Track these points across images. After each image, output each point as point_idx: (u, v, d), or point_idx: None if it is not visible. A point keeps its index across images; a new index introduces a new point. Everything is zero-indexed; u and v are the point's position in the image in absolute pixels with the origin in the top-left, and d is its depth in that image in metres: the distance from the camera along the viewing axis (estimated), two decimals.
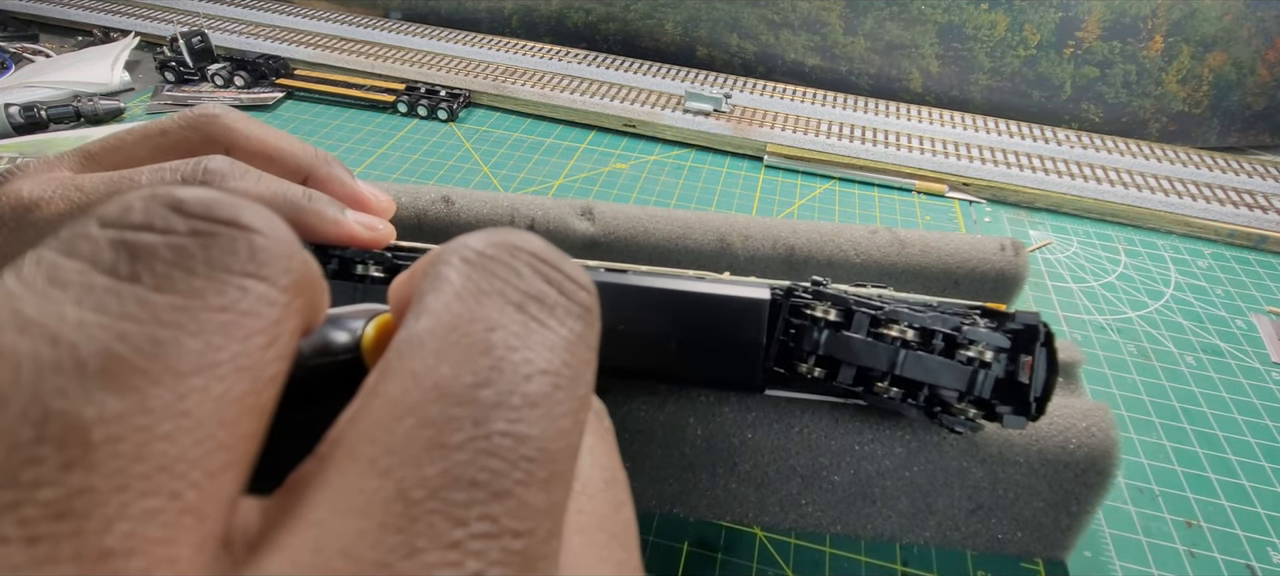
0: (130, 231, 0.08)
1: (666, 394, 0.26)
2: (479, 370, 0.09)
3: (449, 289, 0.10)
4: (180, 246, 0.08)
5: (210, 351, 0.08)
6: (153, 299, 0.08)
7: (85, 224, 0.08)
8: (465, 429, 0.08)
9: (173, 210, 0.09)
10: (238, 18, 0.70)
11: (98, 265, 0.08)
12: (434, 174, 0.50)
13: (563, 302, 0.10)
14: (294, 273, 0.09)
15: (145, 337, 0.08)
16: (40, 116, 0.51)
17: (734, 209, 0.49)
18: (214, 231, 0.09)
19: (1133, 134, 0.60)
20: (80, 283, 0.08)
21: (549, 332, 0.10)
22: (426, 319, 0.10)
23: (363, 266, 0.24)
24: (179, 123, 0.23)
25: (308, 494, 0.09)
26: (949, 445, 0.25)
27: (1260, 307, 0.42)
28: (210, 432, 0.08)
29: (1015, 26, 0.59)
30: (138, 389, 0.08)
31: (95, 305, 0.08)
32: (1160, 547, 0.29)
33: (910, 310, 0.22)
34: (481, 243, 0.11)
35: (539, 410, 0.09)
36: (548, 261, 0.10)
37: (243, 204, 0.09)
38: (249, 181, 0.22)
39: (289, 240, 0.10)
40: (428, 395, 0.09)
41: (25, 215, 0.20)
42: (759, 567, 0.26)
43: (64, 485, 0.07)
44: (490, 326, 0.09)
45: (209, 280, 0.08)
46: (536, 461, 0.09)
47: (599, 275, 0.23)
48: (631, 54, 0.67)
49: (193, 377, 0.08)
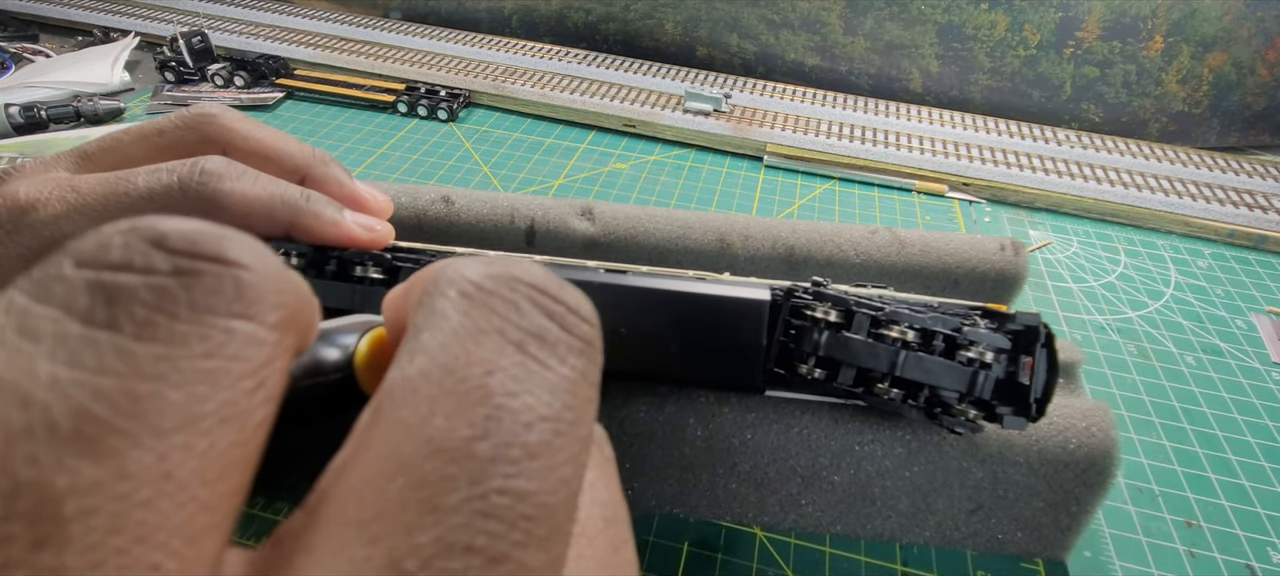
0: (108, 271, 0.08)
1: (666, 394, 0.26)
2: (475, 420, 0.08)
3: (445, 327, 0.09)
4: (162, 288, 0.08)
5: (194, 403, 0.08)
6: (132, 349, 0.07)
7: (59, 264, 0.08)
8: (461, 488, 0.08)
9: (154, 246, 0.08)
10: (238, 18, 0.69)
11: (72, 311, 0.07)
12: (434, 174, 0.50)
13: (564, 339, 0.10)
14: (284, 308, 0.09)
15: (123, 393, 0.07)
16: (40, 116, 0.51)
17: (734, 209, 0.49)
18: (198, 269, 0.08)
19: (1133, 134, 0.60)
20: (53, 333, 0.07)
21: (550, 373, 0.09)
22: (421, 359, 0.09)
23: (361, 267, 0.23)
24: (176, 123, 0.23)
25: (294, 557, 0.08)
26: (949, 445, 0.25)
27: (1260, 307, 0.42)
28: (193, 494, 0.07)
29: (1015, 26, 0.59)
30: (115, 452, 0.07)
31: (69, 358, 0.07)
32: (1160, 547, 0.28)
33: (911, 311, 0.22)
34: (479, 274, 0.10)
35: (539, 462, 0.08)
36: (548, 293, 0.10)
37: (228, 237, 0.09)
38: (246, 181, 0.22)
39: (277, 272, 0.09)
40: (421, 450, 0.08)
41: (22, 216, 0.20)
42: (759, 567, 0.26)
43: (34, 566, 0.06)
44: (488, 369, 0.09)
45: (193, 324, 0.08)
46: (535, 520, 0.08)
47: (599, 275, 0.23)
48: (631, 54, 0.67)
49: (175, 435, 0.07)
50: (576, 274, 0.23)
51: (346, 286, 0.23)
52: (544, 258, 0.24)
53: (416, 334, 0.09)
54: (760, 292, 0.23)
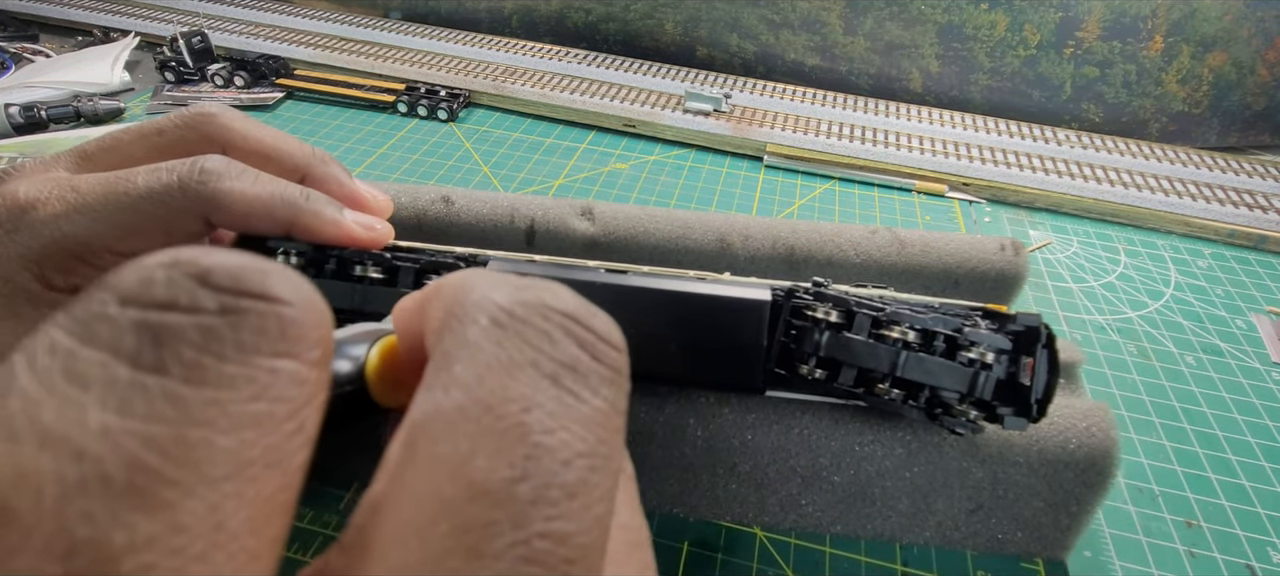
0: (154, 311, 0.07)
1: (666, 394, 0.26)
2: (516, 460, 0.08)
3: (480, 359, 0.09)
4: (209, 328, 0.08)
5: (243, 449, 0.07)
6: (182, 393, 0.07)
7: (103, 301, 0.07)
8: (505, 534, 0.08)
9: (199, 283, 0.08)
10: (238, 18, 0.69)
11: (120, 354, 0.07)
12: (434, 174, 0.50)
13: (596, 370, 0.10)
14: (322, 343, 0.09)
15: (176, 441, 0.07)
16: (40, 116, 0.51)
17: (734, 209, 0.49)
18: (243, 307, 0.08)
19: (1133, 134, 0.60)
20: (102, 378, 0.07)
21: (584, 406, 0.09)
22: (456, 393, 0.09)
23: (361, 267, 0.23)
24: (175, 122, 0.23)
25: None
26: (949, 445, 0.25)
27: (1260, 307, 0.42)
28: (243, 544, 0.07)
29: (1015, 26, 0.59)
30: (170, 504, 0.07)
31: (120, 406, 0.07)
32: (1160, 547, 0.28)
33: (912, 312, 0.22)
34: (509, 299, 0.10)
35: (577, 501, 0.08)
36: (579, 321, 0.10)
37: (272, 272, 0.08)
38: (246, 180, 0.22)
39: (317, 306, 0.09)
40: (463, 493, 0.08)
41: (21, 216, 0.20)
42: (759, 567, 0.26)
43: None
44: (525, 405, 0.09)
45: (241, 365, 0.08)
46: (575, 562, 0.08)
47: (599, 275, 0.23)
48: (631, 54, 0.67)
49: (226, 483, 0.07)
50: (576, 274, 0.23)
51: (346, 286, 0.23)
52: (544, 257, 0.24)
53: (448, 364, 0.09)
54: (761, 293, 0.23)
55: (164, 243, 0.21)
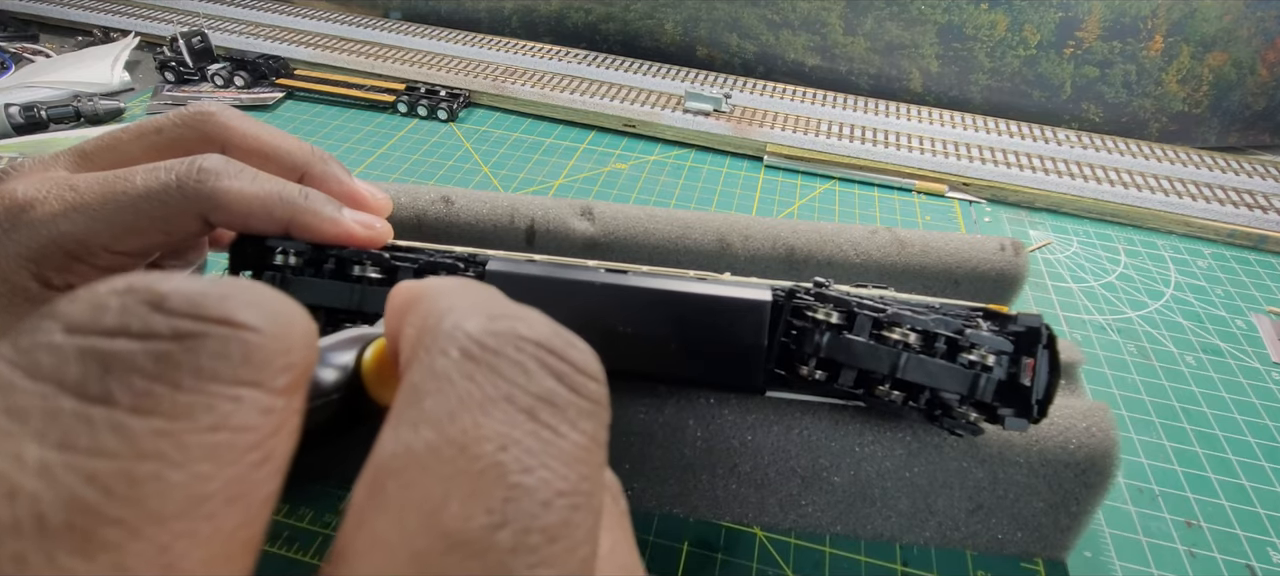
0: (102, 338, 0.07)
1: (666, 395, 0.26)
2: (494, 506, 0.08)
3: (451, 393, 0.08)
4: (162, 354, 0.07)
5: (197, 483, 0.07)
6: (129, 424, 0.07)
7: (48, 330, 0.07)
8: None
9: (152, 308, 0.07)
10: (238, 18, 0.69)
11: (63, 384, 0.07)
12: (434, 174, 0.50)
13: (574, 402, 0.09)
14: (292, 369, 0.08)
15: (120, 477, 0.06)
16: (40, 116, 0.51)
17: (734, 209, 0.49)
18: (201, 331, 0.07)
19: (1133, 134, 0.60)
20: (42, 410, 0.07)
21: (563, 442, 0.09)
22: (427, 431, 0.08)
23: (360, 267, 0.23)
24: (174, 121, 0.23)
25: None
26: (949, 446, 0.25)
27: (1260, 307, 0.42)
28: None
29: (1015, 26, 0.59)
30: (112, 546, 0.06)
31: (60, 440, 0.06)
32: (1160, 547, 0.28)
33: (912, 313, 0.22)
34: (480, 329, 0.09)
35: (558, 545, 0.08)
36: (555, 351, 0.09)
37: (232, 295, 0.08)
38: (245, 179, 0.22)
39: (285, 329, 0.08)
40: (437, 544, 0.07)
41: (20, 215, 0.20)
42: (759, 567, 0.26)
43: None
44: (501, 443, 0.08)
45: (196, 393, 0.07)
46: None
47: (599, 276, 0.23)
48: (631, 54, 0.67)
49: (176, 522, 0.07)
50: (576, 274, 0.23)
51: (345, 285, 0.23)
52: (544, 257, 0.24)
53: (418, 398, 0.09)
54: (761, 293, 0.23)
55: (163, 242, 0.21)
